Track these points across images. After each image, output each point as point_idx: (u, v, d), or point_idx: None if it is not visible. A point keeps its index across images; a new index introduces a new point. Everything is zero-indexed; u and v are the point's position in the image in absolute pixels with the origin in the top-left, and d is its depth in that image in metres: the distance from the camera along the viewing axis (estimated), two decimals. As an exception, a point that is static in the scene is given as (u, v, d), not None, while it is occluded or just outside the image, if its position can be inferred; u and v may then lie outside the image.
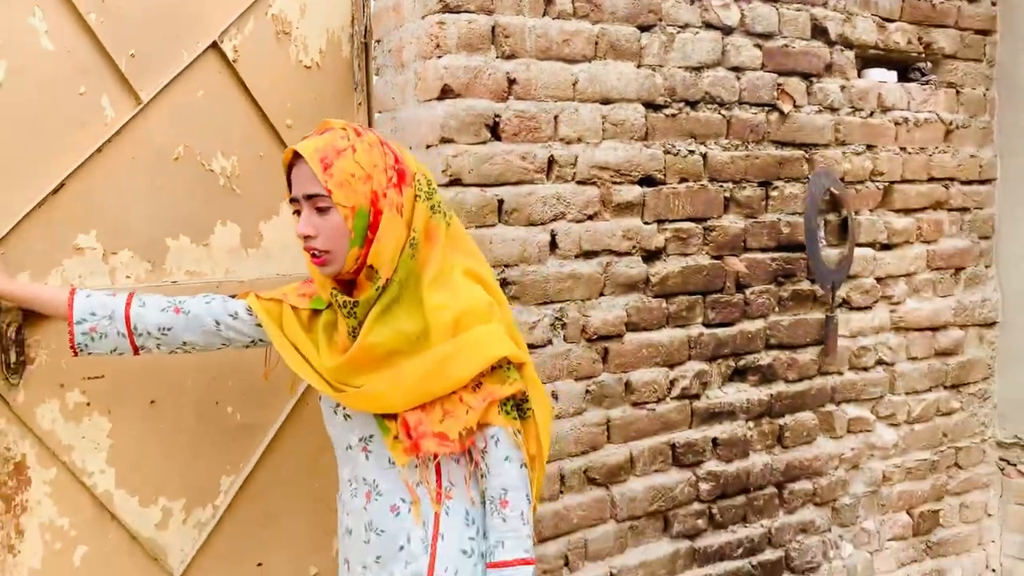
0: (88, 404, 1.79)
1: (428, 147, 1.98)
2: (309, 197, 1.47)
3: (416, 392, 1.50)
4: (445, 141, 1.93)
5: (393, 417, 1.52)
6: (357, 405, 1.55)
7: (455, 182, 1.94)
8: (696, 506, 2.34)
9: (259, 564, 2.09)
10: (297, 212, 1.51)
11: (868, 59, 2.67)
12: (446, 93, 1.92)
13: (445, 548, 1.53)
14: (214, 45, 1.91)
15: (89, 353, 1.61)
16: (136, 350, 1.62)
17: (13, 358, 1.69)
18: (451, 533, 1.54)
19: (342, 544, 1.66)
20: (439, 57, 1.92)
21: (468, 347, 1.50)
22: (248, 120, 1.98)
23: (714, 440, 2.36)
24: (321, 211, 1.47)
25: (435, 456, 1.51)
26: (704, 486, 2.34)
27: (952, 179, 2.84)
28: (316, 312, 1.60)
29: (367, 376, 1.52)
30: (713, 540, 2.37)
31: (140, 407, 1.86)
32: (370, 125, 2.19)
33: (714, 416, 2.36)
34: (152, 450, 1.91)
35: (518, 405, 1.57)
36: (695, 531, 2.34)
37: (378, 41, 2.17)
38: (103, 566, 1.86)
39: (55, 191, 1.74)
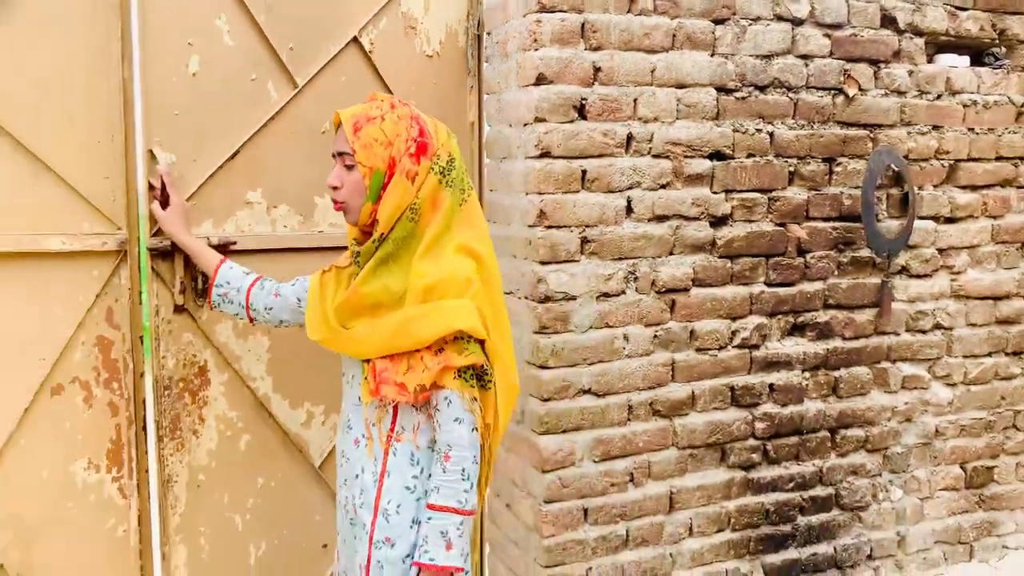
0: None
1: (525, 124, 2.36)
2: (340, 154, 1.75)
3: (385, 344, 1.71)
4: (539, 120, 2.31)
5: (369, 361, 1.75)
6: (340, 347, 1.80)
7: (545, 154, 2.32)
8: (751, 442, 2.67)
9: (379, 463, 2.56)
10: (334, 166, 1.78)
11: (941, 45, 2.87)
12: (540, 80, 2.29)
13: (390, 483, 1.75)
14: (355, 39, 2.36)
15: (221, 310, 2.07)
16: (251, 320, 2.06)
17: (200, 285, 2.20)
18: (396, 471, 1.75)
19: (340, 469, 1.91)
20: (535, 50, 2.29)
21: (433, 313, 1.68)
22: (380, 101, 2.42)
23: (771, 386, 2.68)
24: (348, 167, 1.74)
25: (393, 401, 1.73)
26: (759, 425, 2.67)
27: (1022, 158, 3.01)
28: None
29: (356, 320, 1.77)
30: (766, 473, 2.70)
31: (292, 330, 2.35)
32: (480, 105, 2.60)
33: (771, 365, 2.68)
34: (300, 364, 2.40)
35: (480, 376, 1.73)
36: (749, 463, 2.67)
37: (488, 34, 2.56)
38: (261, 453, 2.37)
39: (232, 157, 2.23)
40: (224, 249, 2.22)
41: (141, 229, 2.18)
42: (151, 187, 2.18)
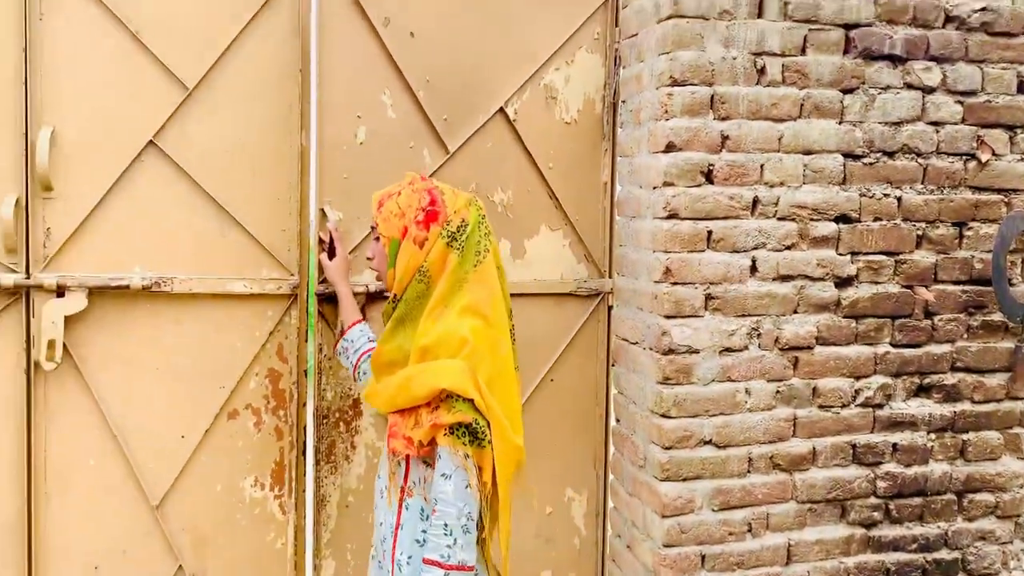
0: None
1: (654, 187, 2.53)
2: (372, 229, 2.00)
3: (390, 400, 1.86)
4: (667, 184, 2.47)
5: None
6: (368, 400, 2.00)
7: (673, 216, 2.47)
8: (873, 500, 2.69)
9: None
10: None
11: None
12: (670, 147, 2.46)
13: (403, 535, 1.88)
14: (501, 110, 2.61)
15: (338, 359, 2.37)
16: (355, 379, 2.33)
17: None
18: (408, 524, 1.88)
19: None
20: (666, 119, 2.46)
21: (426, 373, 1.80)
22: (520, 164, 2.66)
23: (894, 445, 2.70)
24: (377, 239, 1.97)
25: (402, 454, 1.84)
26: (882, 484, 2.69)
27: None
28: None
29: (380, 377, 1.93)
30: (888, 532, 2.71)
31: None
32: (613, 168, 2.80)
33: (896, 425, 2.70)
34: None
35: (473, 433, 1.79)
36: (871, 521, 2.69)
37: (623, 102, 2.75)
38: None
39: None
40: (380, 296, 2.49)
41: (310, 276, 2.48)
42: (320, 241, 2.48)
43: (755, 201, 2.53)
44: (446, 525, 1.80)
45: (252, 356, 2.49)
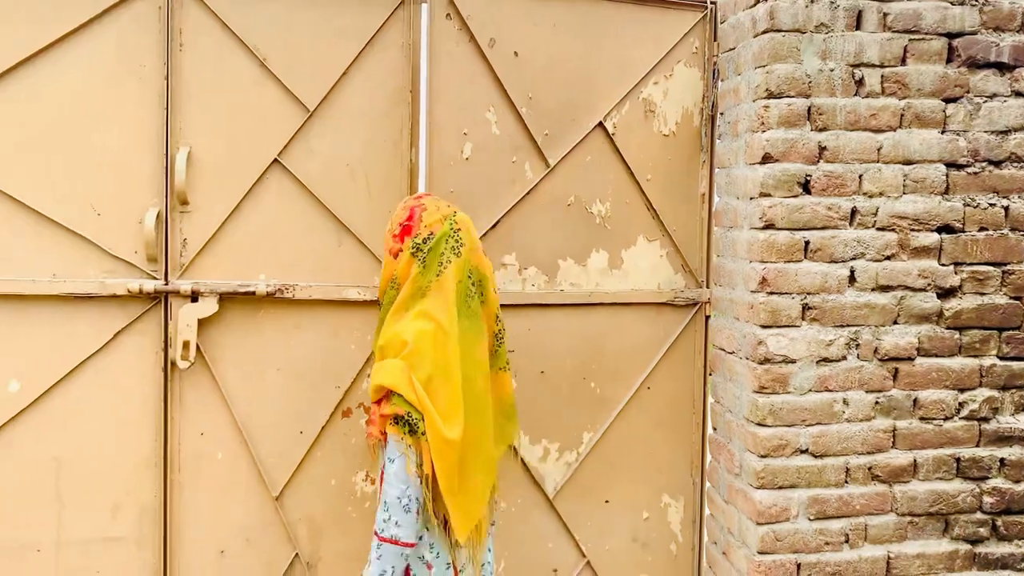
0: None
1: (751, 198, 2.57)
2: None
3: (372, 383, 2.07)
4: (764, 195, 2.51)
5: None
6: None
7: (769, 226, 2.51)
8: (978, 515, 2.64)
9: (606, 501, 2.83)
10: None
11: None
12: (767, 159, 2.50)
13: (379, 508, 2.05)
14: (600, 124, 2.71)
15: None
16: None
17: None
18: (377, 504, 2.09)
19: None
20: (763, 131, 2.51)
21: (377, 371, 2.06)
22: (619, 176, 2.75)
23: (1002, 460, 2.64)
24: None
25: (372, 440, 2.10)
26: (988, 499, 2.64)
27: None
28: None
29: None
30: (995, 549, 2.65)
31: (534, 375, 2.71)
32: (711, 179, 2.85)
33: (1003, 439, 2.64)
34: (541, 405, 2.74)
35: (410, 424, 1.99)
36: (976, 537, 2.64)
37: (721, 114, 2.80)
38: (506, 481, 2.72)
39: (493, 226, 2.64)
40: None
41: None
42: None
43: (853, 211, 2.54)
44: (386, 502, 2.02)
45: (365, 358, 2.66)
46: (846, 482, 2.58)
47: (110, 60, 2.49)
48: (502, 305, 2.62)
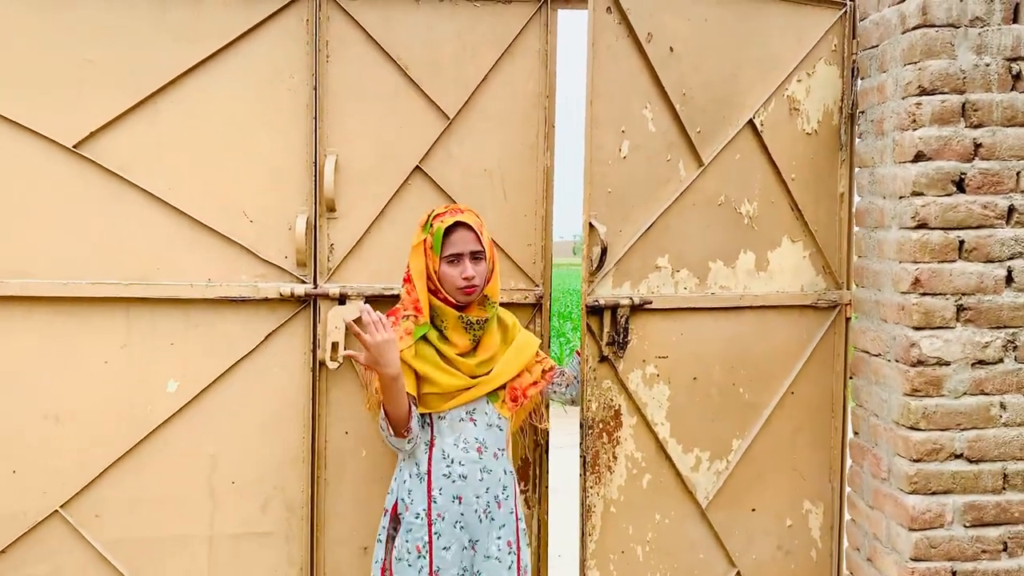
0: (658, 375, 2.66)
1: (900, 197, 2.52)
2: (473, 252, 2.30)
3: (515, 368, 2.40)
4: (916, 194, 2.46)
5: (502, 387, 2.38)
6: (488, 386, 2.36)
7: (922, 225, 2.45)
8: None
9: (753, 509, 2.80)
10: (450, 262, 2.29)
11: None
12: (919, 157, 2.45)
13: (514, 474, 2.40)
14: (750, 122, 2.68)
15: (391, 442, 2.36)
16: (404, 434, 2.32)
17: (621, 339, 2.60)
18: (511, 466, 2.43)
19: (448, 487, 2.31)
20: (914, 129, 2.45)
21: (526, 342, 2.45)
22: (765, 175, 2.72)
23: None
24: (477, 261, 2.31)
25: (528, 400, 2.42)
26: None
27: None
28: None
29: (488, 366, 2.38)
30: None
31: (686, 381, 2.69)
32: (850, 179, 2.81)
33: None
34: (692, 412, 2.71)
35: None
36: None
37: (862, 112, 2.75)
38: (658, 491, 2.70)
39: (649, 228, 2.62)
40: (641, 308, 2.60)
41: (551, 287, 2.64)
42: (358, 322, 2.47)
43: (1011, 209, 2.46)
44: None
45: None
46: (1004, 488, 2.50)
47: (261, 73, 2.58)
48: (655, 310, 2.65)
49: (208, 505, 2.63)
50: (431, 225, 2.34)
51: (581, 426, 2.55)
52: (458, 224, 2.31)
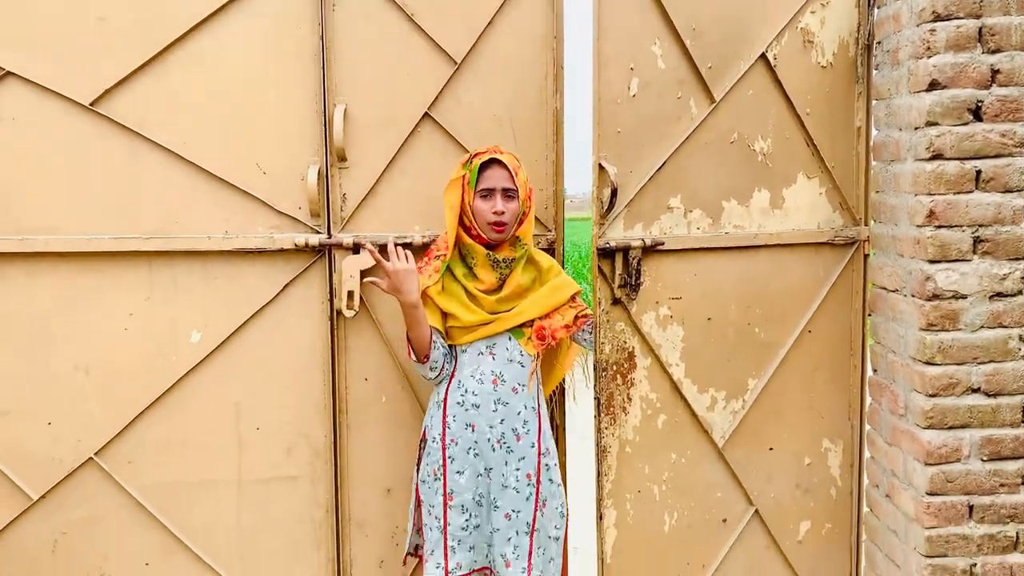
0: (671, 316, 2.67)
1: (915, 128, 2.46)
2: (505, 189, 2.36)
3: (544, 308, 2.43)
4: (930, 124, 2.40)
5: (527, 325, 2.43)
6: (508, 323, 2.42)
7: (937, 156, 2.40)
8: None
9: (770, 448, 2.81)
10: (483, 196, 2.36)
11: None
12: (933, 86, 2.38)
13: (542, 410, 2.46)
14: (762, 56, 2.63)
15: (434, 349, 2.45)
16: (424, 359, 2.44)
17: (633, 280, 2.60)
18: (541, 398, 2.47)
19: (461, 415, 2.43)
20: (928, 57, 2.39)
21: (563, 284, 2.44)
22: (779, 111, 2.68)
23: None
24: (509, 199, 2.36)
25: (557, 342, 2.43)
26: None
27: None
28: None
29: (510, 303, 2.43)
30: None
31: (701, 322, 2.69)
32: (867, 111, 2.74)
33: None
34: (707, 353, 2.72)
35: None
36: None
37: (879, 43, 2.68)
38: (674, 431, 2.72)
39: (660, 168, 2.61)
40: (653, 249, 2.61)
41: (565, 231, 2.63)
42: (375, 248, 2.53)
43: (1030, 137, 2.40)
44: None
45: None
46: (1023, 422, 2.47)
47: (268, 24, 2.59)
48: (667, 251, 2.65)
49: (235, 451, 2.71)
50: (471, 162, 2.44)
51: (595, 368, 2.57)
52: (494, 161, 2.40)
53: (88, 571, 2.67)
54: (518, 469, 2.45)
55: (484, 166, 2.40)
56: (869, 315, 2.82)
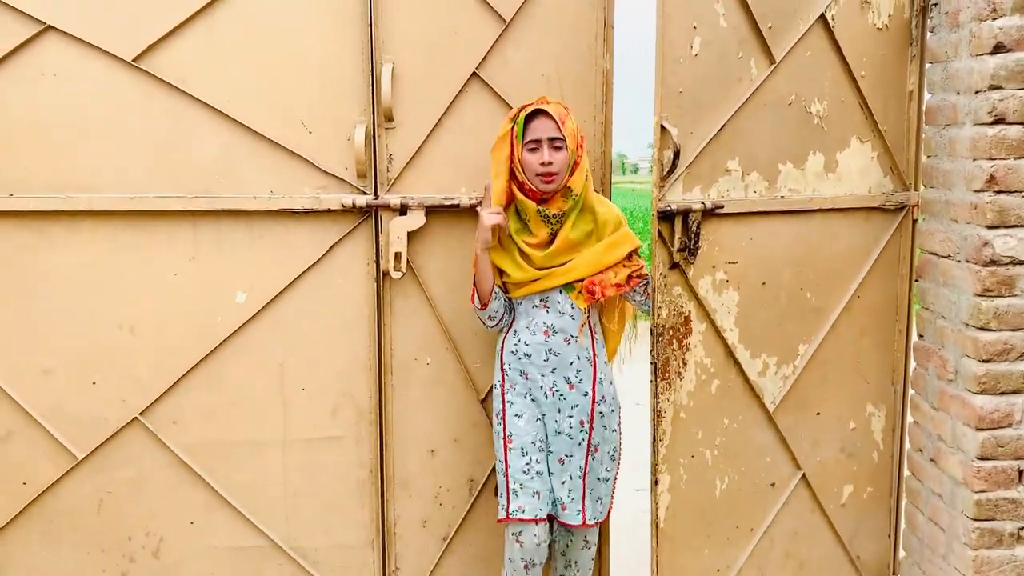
0: (727, 281, 2.65)
1: (976, 92, 2.43)
2: (552, 139, 2.35)
3: (596, 266, 2.44)
4: (993, 88, 2.37)
5: (580, 280, 2.43)
6: (557, 279, 2.45)
7: (999, 121, 2.37)
8: None
9: (817, 413, 2.81)
10: (531, 149, 2.36)
11: None
12: (998, 48, 2.35)
13: (599, 360, 2.50)
14: (821, 16, 2.58)
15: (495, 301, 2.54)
16: (485, 305, 2.54)
17: (691, 244, 2.57)
18: (599, 348, 2.53)
19: (515, 363, 2.53)
20: (994, 19, 2.34)
21: (621, 239, 2.45)
22: (836, 73, 2.64)
23: None
24: (556, 149, 2.35)
25: (607, 299, 2.47)
26: None
27: None
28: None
29: (561, 258, 2.45)
30: None
31: (755, 287, 2.68)
32: (920, 75, 2.70)
33: None
34: (760, 318, 2.70)
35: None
36: None
37: (935, 4, 2.63)
38: (727, 396, 2.72)
39: (720, 130, 2.56)
40: (712, 213, 2.58)
41: (611, 194, 2.61)
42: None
43: (1095, 102, 2.37)
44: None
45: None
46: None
47: (315, -21, 2.53)
48: (725, 214, 2.61)
49: (280, 411, 2.70)
50: (517, 116, 2.42)
51: (652, 333, 2.56)
52: (539, 112, 2.38)
53: (133, 529, 2.67)
54: (571, 416, 2.52)
55: (530, 118, 2.38)
56: (916, 280, 2.80)
